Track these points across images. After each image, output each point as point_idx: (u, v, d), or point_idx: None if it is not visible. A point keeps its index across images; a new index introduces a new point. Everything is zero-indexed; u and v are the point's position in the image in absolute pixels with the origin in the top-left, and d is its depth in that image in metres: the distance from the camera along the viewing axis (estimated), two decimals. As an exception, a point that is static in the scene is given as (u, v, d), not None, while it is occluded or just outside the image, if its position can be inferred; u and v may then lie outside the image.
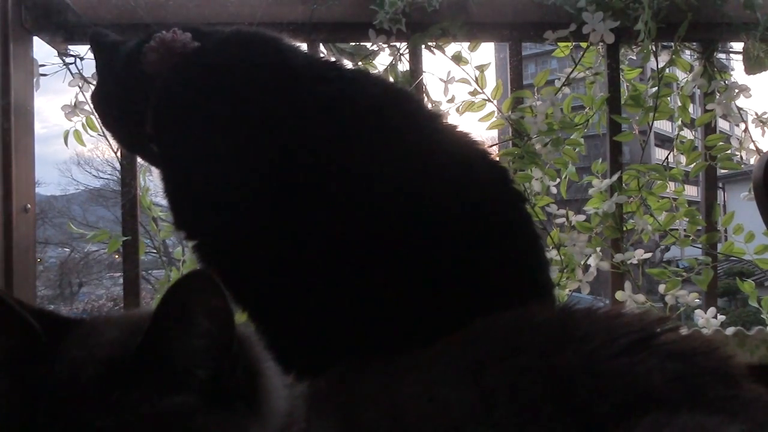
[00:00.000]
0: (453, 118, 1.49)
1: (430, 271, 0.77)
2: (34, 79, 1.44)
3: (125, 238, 1.48)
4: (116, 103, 0.97)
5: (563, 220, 1.54)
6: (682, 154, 1.62)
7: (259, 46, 0.91)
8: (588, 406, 0.52)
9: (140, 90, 0.91)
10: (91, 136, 1.47)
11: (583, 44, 1.54)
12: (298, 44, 0.96)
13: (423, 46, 1.50)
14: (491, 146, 1.53)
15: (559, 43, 1.54)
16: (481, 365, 0.57)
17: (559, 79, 1.56)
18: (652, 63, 1.56)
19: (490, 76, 1.50)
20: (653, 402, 0.52)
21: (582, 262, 1.52)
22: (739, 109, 1.59)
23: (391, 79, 1.49)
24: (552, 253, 1.50)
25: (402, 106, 0.89)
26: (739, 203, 1.58)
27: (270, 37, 0.92)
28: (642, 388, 0.53)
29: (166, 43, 0.91)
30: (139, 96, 0.91)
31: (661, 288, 1.52)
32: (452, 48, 1.50)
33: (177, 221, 0.91)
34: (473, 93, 1.50)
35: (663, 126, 1.88)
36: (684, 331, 0.62)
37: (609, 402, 0.52)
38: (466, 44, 1.50)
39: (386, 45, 1.49)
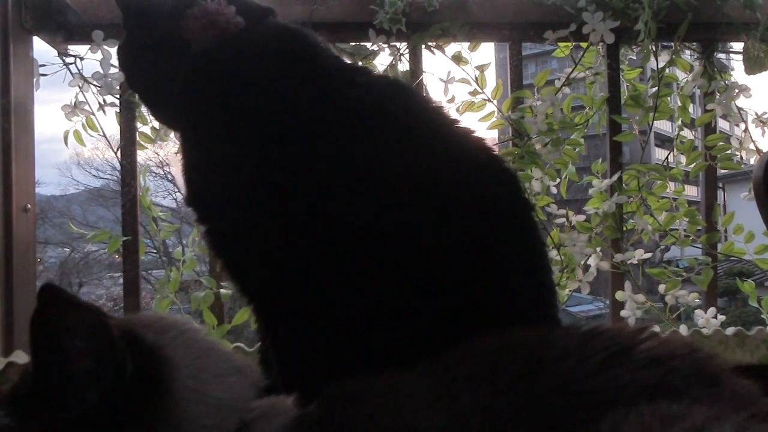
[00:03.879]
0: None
1: (434, 282, 0.77)
2: (34, 79, 1.44)
3: (125, 238, 1.48)
4: (145, 61, 0.95)
5: (563, 220, 1.54)
6: (682, 154, 1.62)
7: (300, 46, 0.90)
8: (561, 427, 0.52)
9: (174, 52, 0.90)
10: (91, 136, 1.47)
11: (583, 44, 1.54)
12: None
13: (423, 46, 1.50)
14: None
15: (559, 43, 1.55)
16: (457, 389, 0.56)
17: (559, 79, 1.56)
18: (652, 63, 1.56)
19: (490, 76, 1.51)
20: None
21: (582, 262, 1.52)
22: (739, 109, 1.59)
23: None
24: (552, 253, 1.50)
25: (429, 116, 0.89)
26: (739, 203, 1.58)
27: (311, 40, 0.92)
28: (616, 402, 0.52)
29: (209, 15, 0.90)
30: (172, 58, 0.90)
31: (661, 288, 1.52)
32: (452, 48, 1.50)
33: (187, 197, 0.90)
34: (473, 93, 1.50)
35: (663, 126, 1.88)
36: (663, 336, 0.61)
37: (583, 422, 0.51)
38: (466, 44, 1.50)
39: (386, 45, 1.49)
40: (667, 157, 1.62)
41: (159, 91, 0.95)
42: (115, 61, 1.46)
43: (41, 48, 1.46)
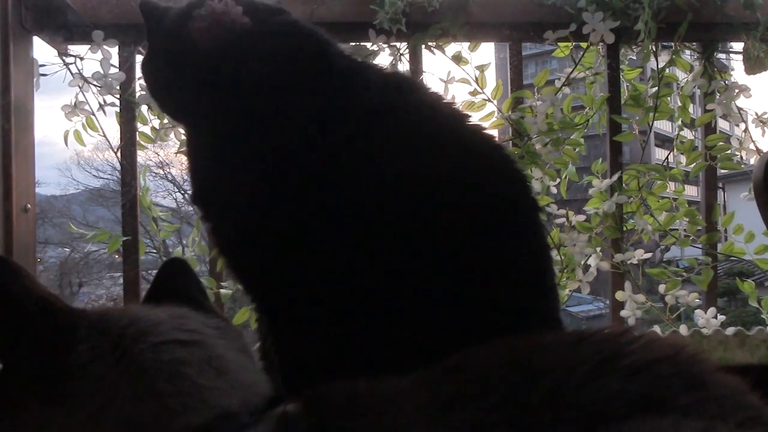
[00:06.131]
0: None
1: (437, 280, 0.77)
2: (34, 79, 1.44)
3: (125, 238, 1.48)
4: (160, 66, 0.95)
5: (563, 220, 1.54)
6: (682, 154, 1.63)
7: (309, 43, 0.89)
8: None
9: (184, 54, 0.90)
10: (91, 136, 1.47)
11: (583, 44, 1.54)
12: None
13: (423, 46, 1.50)
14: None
15: (559, 43, 1.55)
16: (451, 407, 0.56)
17: (559, 79, 1.56)
18: (652, 63, 1.56)
19: (490, 76, 1.51)
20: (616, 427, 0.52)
21: (582, 262, 1.52)
22: (739, 109, 1.59)
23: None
24: (552, 253, 1.49)
25: (440, 114, 0.89)
26: (739, 203, 1.58)
27: (320, 37, 0.91)
28: (604, 417, 0.52)
29: (216, 15, 0.89)
30: (182, 60, 0.90)
31: (661, 288, 1.52)
32: (452, 48, 1.50)
33: (193, 194, 0.90)
34: (473, 93, 1.50)
35: (663, 126, 1.88)
36: (649, 338, 0.60)
37: None
38: (466, 44, 1.50)
39: (386, 45, 1.49)
40: (667, 157, 1.62)
41: (173, 96, 0.95)
42: (115, 61, 1.46)
43: (42, 52, 1.47)
